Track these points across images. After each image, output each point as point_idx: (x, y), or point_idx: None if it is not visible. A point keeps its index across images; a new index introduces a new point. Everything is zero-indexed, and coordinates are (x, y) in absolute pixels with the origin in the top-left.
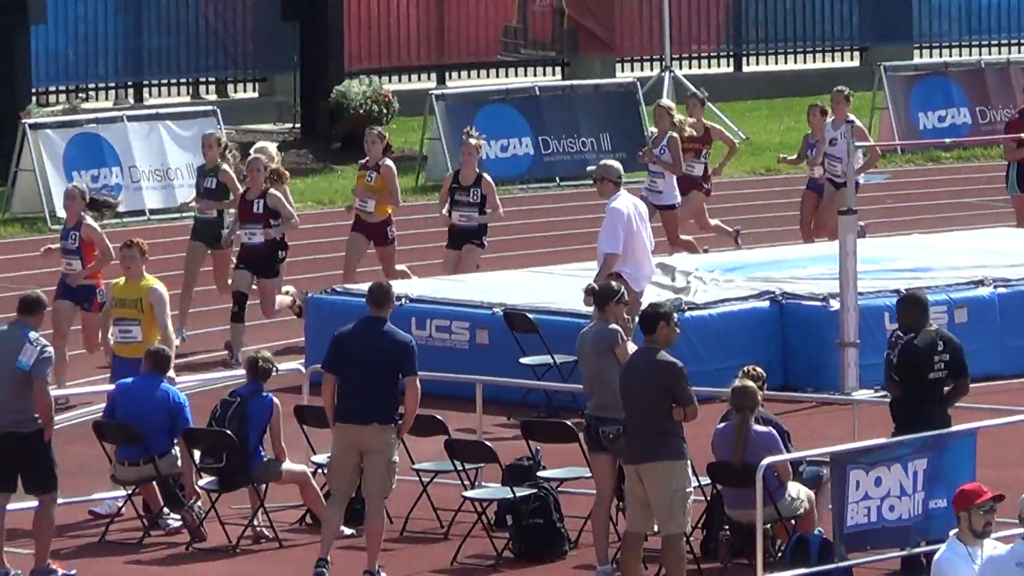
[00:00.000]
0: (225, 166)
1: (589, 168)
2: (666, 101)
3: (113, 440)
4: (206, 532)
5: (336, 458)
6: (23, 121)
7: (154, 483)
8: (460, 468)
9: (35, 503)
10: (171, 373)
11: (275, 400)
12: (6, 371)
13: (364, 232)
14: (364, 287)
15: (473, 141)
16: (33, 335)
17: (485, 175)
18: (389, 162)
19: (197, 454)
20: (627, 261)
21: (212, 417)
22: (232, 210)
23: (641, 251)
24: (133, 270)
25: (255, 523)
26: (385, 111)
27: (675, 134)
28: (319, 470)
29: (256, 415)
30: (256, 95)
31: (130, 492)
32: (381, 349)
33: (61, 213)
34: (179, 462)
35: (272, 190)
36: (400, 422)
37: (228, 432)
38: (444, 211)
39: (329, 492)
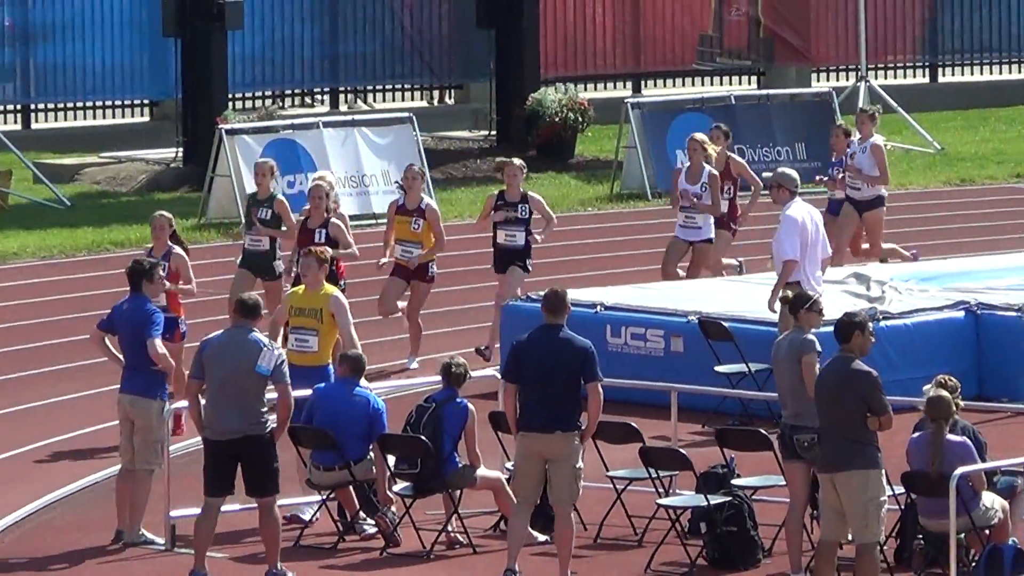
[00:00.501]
0: (280, 195)
1: (765, 175)
2: (700, 135)
3: (309, 445)
4: (400, 537)
5: (520, 466)
6: (220, 127)
7: (350, 488)
8: (654, 475)
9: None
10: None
11: (469, 406)
12: (244, 376)
13: (403, 275)
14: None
15: (517, 162)
16: (266, 339)
17: (531, 192)
18: (432, 202)
19: (392, 459)
20: (803, 268)
21: (407, 423)
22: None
23: (816, 259)
24: (311, 279)
25: (449, 529)
26: (580, 119)
27: (714, 171)
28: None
29: (451, 421)
30: (452, 102)
31: (325, 497)
32: (560, 356)
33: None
34: (374, 467)
35: (334, 219)
36: (583, 428)
37: (423, 438)
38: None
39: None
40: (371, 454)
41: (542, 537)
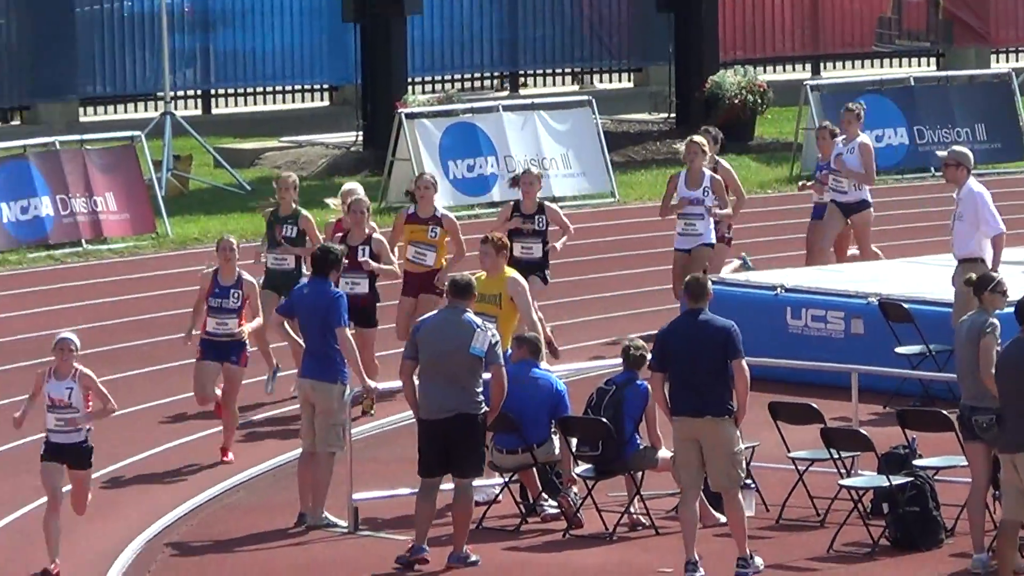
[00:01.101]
0: (305, 212)
1: (940, 154)
2: (699, 138)
3: (491, 428)
4: (583, 519)
5: (678, 453)
6: (399, 111)
7: (532, 470)
8: (836, 456)
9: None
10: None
11: (650, 388)
12: (458, 356)
13: (415, 288)
14: (730, 276)
15: (535, 170)
16: (479, 320)
17: (547, 203)
18: (447, 212)
19: (573, 442)
20: (980, 244)
21: (588, 405)
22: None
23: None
24: (488, 264)
25: (631, 510)
26: (760, 101)
27: (716, 175)
28: None
29: (631, 403)
30: (631, 85)
31: (507, 479)
32: (704, 339)
33: (439, 202)
34: (556, 450)
35: (377, 235)
36: (735, 410)
37: (604, 420)
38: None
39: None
40: (554, 436)
41: (723, 517)
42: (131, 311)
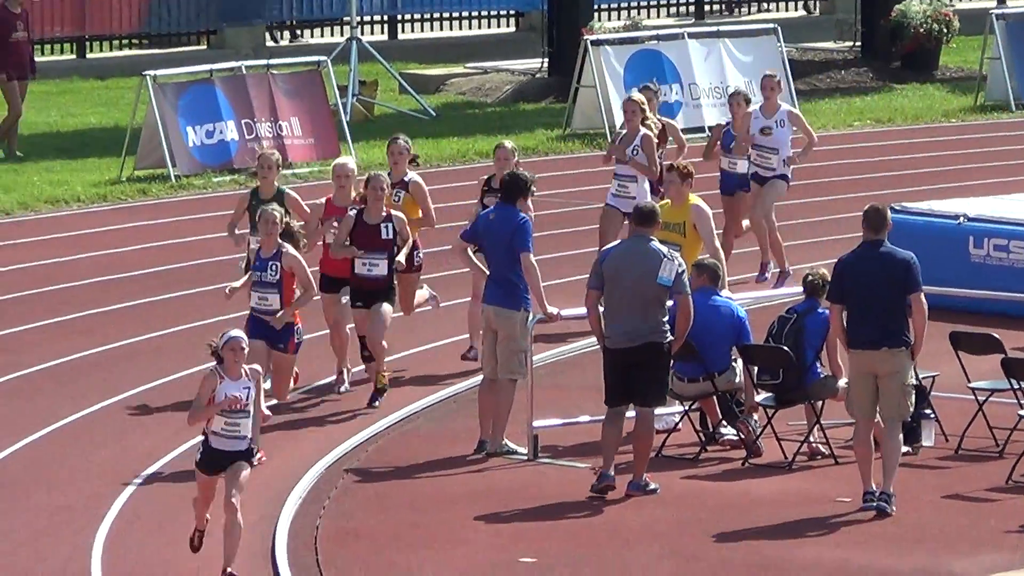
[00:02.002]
0: (288, 189)
1: None
2: (637, 95)
3: (673, 356)
4: (762, 448)
5: (853, 385)
6: (585, 38)
7: (713, 397)
8: (1016, 387)
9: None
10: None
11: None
12: (645, 285)
13: None
14: (918, 204)
15: (509, 145)
16: (665, 248)
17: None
18: (417, 177)
19: (754, 370)
20: None
21: (769, 333)
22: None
23: None
24: (673, 193)
25: (811, 439)
26: (945, 30)
27: (649, 132)
28: None
29: (812, 331)
30: (817, 14)
31: (687, 407)
32: (883, 270)
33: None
34: (738, 378)
35: (396, 212)
36: (912, 343)
37: (785, 348)
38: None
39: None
40: (735, 364)
41: (906, 448)
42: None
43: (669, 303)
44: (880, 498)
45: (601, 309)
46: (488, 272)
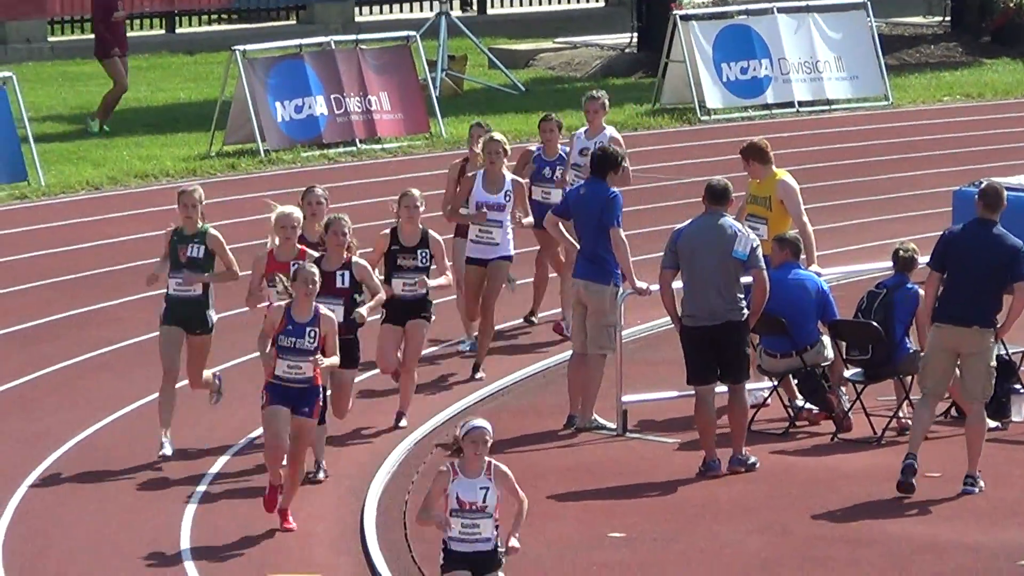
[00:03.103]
0: (212, 230)
1: None
2: (498, 136)
3: (760, 331)
4: (851, 423)
5: (932, 358)
6: (674, 12)
7: (789, 375)
8: None
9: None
10: None
11: (920, 291)
12: (721, 261)
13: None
14: (1008, 179)
15: (415, 192)
16: (739, 224)
17: (432, 232)
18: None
19: (842, 345)
20: None
21: (858, 308)
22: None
23: None
24: (750, 170)
25: (900, 415)
26: None
27: (518, 178)
28: None
29: (902, 306)
30: None
31: (775, 383)
32: (990, 251)
33: (713, 104)
34: (826, 351)
35: (357, 259)
36: (1000, 326)
37: (874, 323)
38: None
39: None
40: (824, 338)
41: (992, 423)
42: None
43: (746, 279)
44: (965, 481)
45: (676, 287)
46: (578, 246)
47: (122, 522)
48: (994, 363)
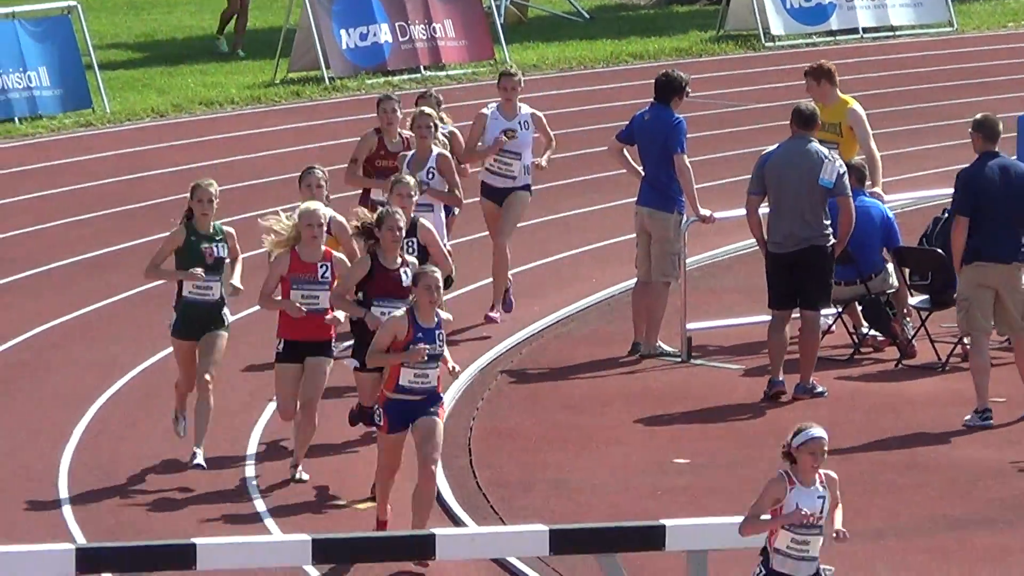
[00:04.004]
0: (226, 226)
1: None
2: (427, 108)
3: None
4: (915, 350)
5: (974, 299)
6: None
7: (855, 302)
8: None
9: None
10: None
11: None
12: (807, 186)
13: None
14: None
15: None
16: (825, 150)
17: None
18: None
19: (906, 272)
20: None
21: (923, 235)
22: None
23: None
24: (815, 94)
25: (965, 341)
26: None
27: (444, 152)
28: None
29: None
30: None
31: (840, 310)
32: (1007, 184)
33: (776, 31)
34: (891, 279)
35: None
36: None
37: (937, 249)
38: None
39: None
40: (888, 266)
41: None
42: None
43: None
44: None
45: (763, 212)
46: (642, 172)
47: (185, 445)
48: None
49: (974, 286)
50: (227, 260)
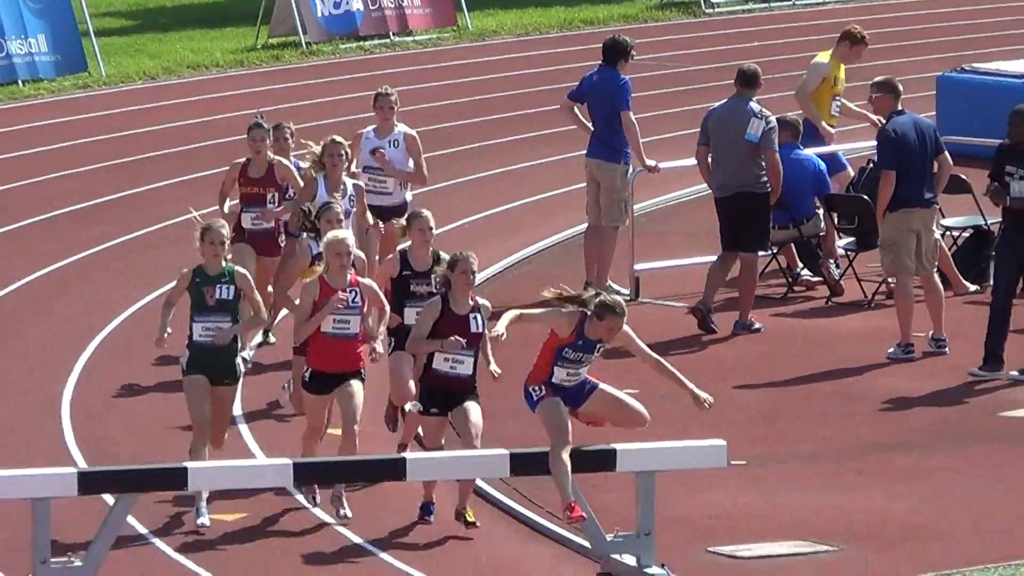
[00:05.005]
0: (239, 268)
1: None
2: (339, 137)
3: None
4: (843, 288)
5: (902, 242)
6: None
7: (791, 244)
8: None
9: None
10: None
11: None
12: (739, 141)
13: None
14: (986, 64)
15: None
16: (757, 107)
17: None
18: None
19: (835, 217)
20: None
21: (850, 183)
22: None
23: None
24: (842, 55)
25: (889, 280)
26: None
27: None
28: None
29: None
30: None
31: (774, 252)
32: (928, 136)
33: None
34: (822, 224)
35: (482, 300)
36: None
37: (864, 196)
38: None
39: None
40: (818, 212)
41: (972, 287)
42: (435, 97)
43: None
44: (938, 344)
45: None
46: (591, 127)
47: (174, 381)
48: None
49: (903, 231)
50: (237, 300)
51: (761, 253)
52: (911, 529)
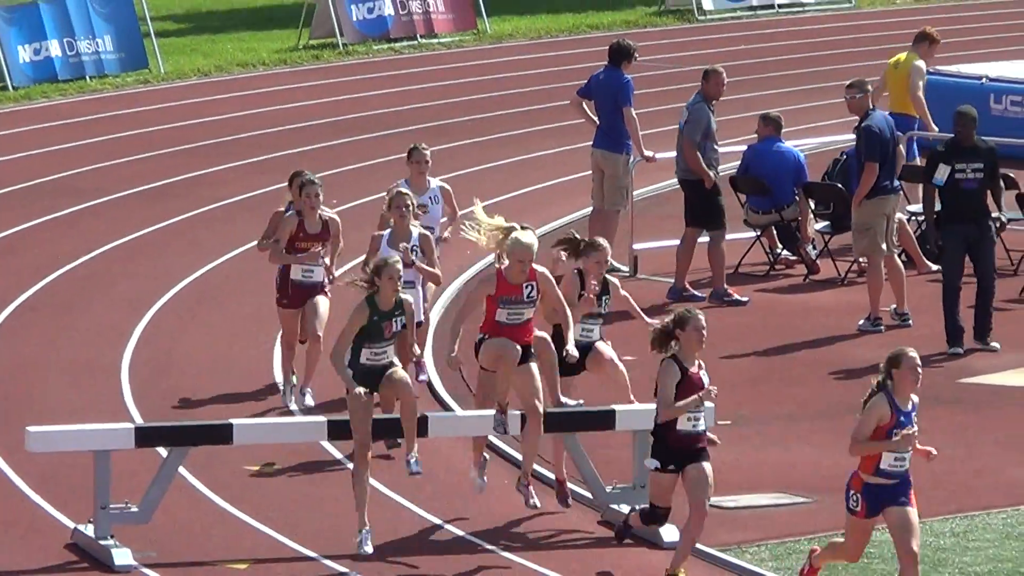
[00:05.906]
0: (405, 296)
1: None
2: (404, 189)
3: (748, 192)
4: (819, 267)
5: (877, 226)
6: None
7: (773, 228)
8: None
9: None
10: None
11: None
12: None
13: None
14: (947, 67)
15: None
16: (692, 99)
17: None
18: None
19: (811, 203)
20: None
21: (825, 173)
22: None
23: None
24: (921, 50)
25: (860, 260)
26: None
27: (426, 232)
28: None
29: (856, 171)
30: None
31: (758, 233)
32: (893, 133)
33: (708, 6)
34: (799, 209)
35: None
36: None
37: (838, 184)
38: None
39: None
40: (797, 199)
41: (935, 267)
42: (458, 93)
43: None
44: (902, 318)
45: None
46: (597, 121)
47: (230, 346)
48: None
49: (879, 216)
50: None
51: (747, 235)
52: None
